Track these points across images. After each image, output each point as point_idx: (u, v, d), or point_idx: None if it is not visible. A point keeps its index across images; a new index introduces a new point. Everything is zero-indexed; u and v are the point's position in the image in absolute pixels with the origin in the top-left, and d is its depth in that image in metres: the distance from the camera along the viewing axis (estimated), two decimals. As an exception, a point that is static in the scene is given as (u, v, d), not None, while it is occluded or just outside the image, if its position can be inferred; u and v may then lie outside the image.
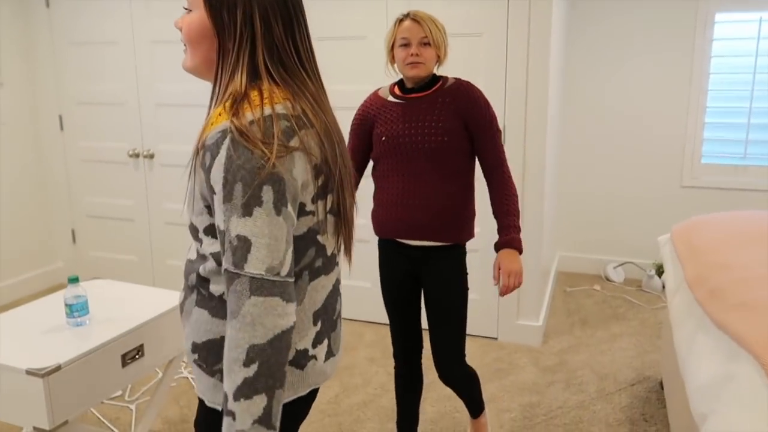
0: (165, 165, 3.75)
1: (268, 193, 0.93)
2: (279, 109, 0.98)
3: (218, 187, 0.94)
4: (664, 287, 3.89)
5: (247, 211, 0.92)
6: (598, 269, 4.26)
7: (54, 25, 3.81)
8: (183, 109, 3.62)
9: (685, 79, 3.82)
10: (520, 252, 1.84)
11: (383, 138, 1.86)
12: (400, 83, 1.92)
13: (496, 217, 1.88)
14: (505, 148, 3.07)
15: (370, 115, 1.93)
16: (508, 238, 1.83)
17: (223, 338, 1.05)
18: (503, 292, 1.83)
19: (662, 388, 2.72)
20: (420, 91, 1.87)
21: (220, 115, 0.97)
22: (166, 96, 3.65)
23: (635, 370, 2.92)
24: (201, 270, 1.06)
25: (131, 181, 3.86)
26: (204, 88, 3.38)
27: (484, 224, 3.10)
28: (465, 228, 1.90)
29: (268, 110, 0.96)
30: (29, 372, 1.60)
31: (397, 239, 1.92)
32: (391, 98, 1.90)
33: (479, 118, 1.84)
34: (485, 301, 3.26)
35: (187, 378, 2.86)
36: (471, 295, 3.26)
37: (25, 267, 3.96)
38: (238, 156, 0.92)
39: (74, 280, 1.86)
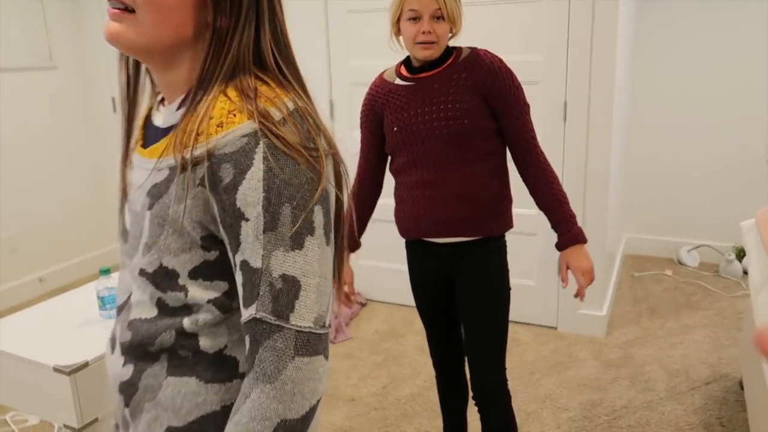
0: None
1: (318, 216, 0.75)
2: (298, 102, 0.78)
3: (254, 211, 0.72)
4: (745, 272, 3.57)
5: (297, 242, 0.73)
6: (670, 252, 3.95)
7: (103, 5, 3.80)
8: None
9: (773, 42, 3.44)
10: (586, 242, 1.62)
11: (395, 128, 1.64)
12: (407, 62, 1.68)
13: (544, 210, 1.64)
14: (567, 125, 2.83)
15: (377, 103, 1.69)
16: (571, 234, 1.61)
17: (225, 408, 0.81)
18: (581, 294, 1.62)
19: (742, 389, 2.46)
20: (430, 69, 1.61)
21: (231, 113, 0.74)
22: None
23: (711, 367, 2.67)
24: (186, 324, 0.81)
25: (182, 162, 3.85)
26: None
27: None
28: (499, 217, 1.66)
29: (290, 104, 0.76)
30: (56, 369, 1.56)
31: (424, 238, 1.70)
32: (398, 81, 1.65)
33: (501, 91, 1.56)
34: (543, 288, 3.06)
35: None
36: (528, 282, 3.07)
37: (85, 248, 4.04)
38: (281, 168, 0.72)
39: (105, 272, 1.81)
